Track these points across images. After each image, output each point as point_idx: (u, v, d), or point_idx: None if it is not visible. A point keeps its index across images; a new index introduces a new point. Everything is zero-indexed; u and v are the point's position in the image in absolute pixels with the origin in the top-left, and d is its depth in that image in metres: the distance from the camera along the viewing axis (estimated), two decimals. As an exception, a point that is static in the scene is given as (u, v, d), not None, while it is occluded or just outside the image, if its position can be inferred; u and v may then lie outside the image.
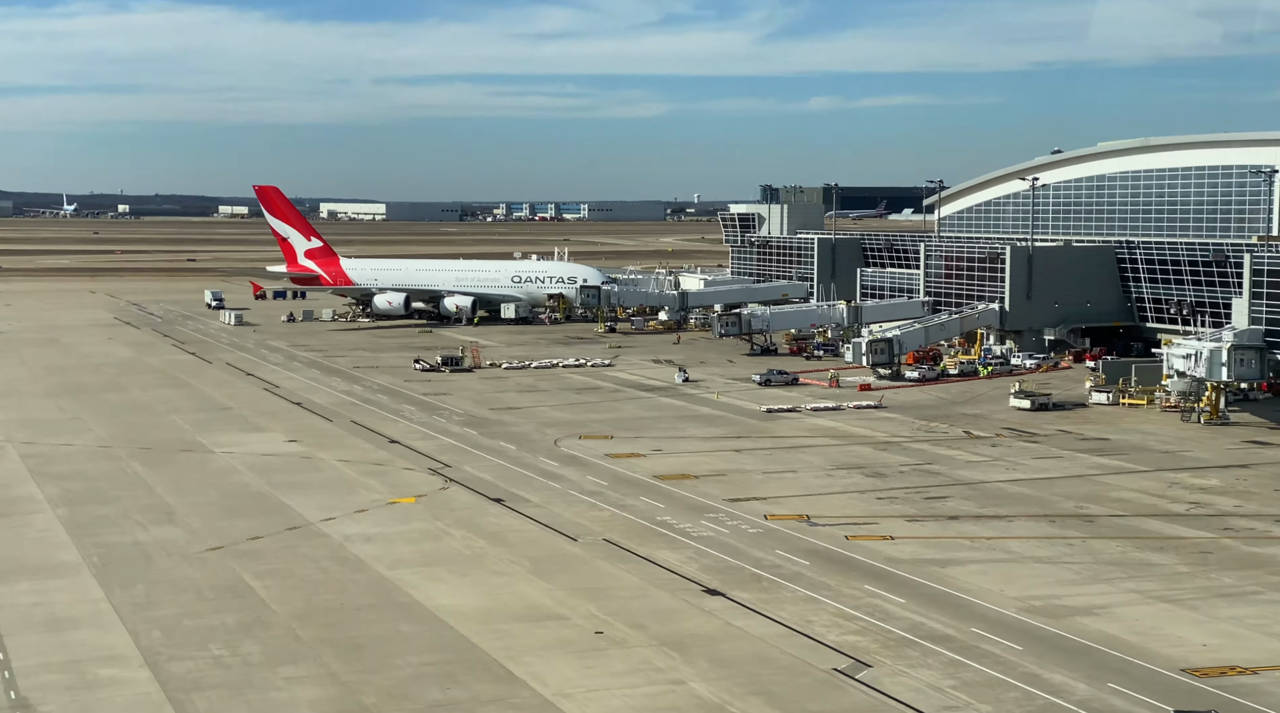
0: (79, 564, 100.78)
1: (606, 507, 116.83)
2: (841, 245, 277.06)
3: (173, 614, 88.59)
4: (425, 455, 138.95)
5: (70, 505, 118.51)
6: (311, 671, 77.73)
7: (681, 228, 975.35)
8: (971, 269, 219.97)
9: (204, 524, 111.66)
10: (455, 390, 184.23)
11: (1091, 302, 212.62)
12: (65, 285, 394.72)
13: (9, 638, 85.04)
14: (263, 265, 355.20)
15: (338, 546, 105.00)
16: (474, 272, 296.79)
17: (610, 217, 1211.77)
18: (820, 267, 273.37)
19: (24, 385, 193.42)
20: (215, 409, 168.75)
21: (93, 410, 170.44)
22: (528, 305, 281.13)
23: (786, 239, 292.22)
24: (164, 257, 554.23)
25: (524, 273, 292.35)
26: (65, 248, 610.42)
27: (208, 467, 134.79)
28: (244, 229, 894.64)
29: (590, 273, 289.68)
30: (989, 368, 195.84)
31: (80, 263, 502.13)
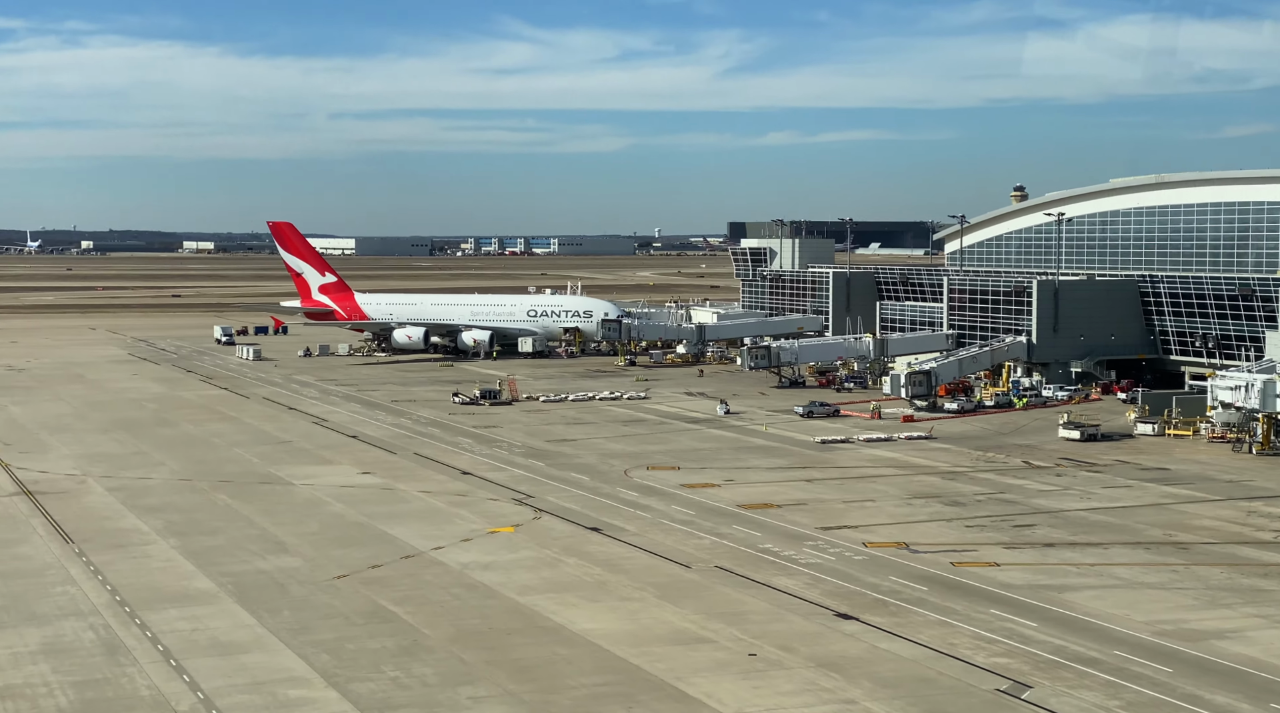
0: (216, 592, 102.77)
1: (704, 535, 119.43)
2: (856, 279, 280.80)
3: (332, 639, 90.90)
4: (502, 486, 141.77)
5: (179, 536, 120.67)
6: (491, 691, 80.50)
7: (652, 262, 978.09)
8: (996, 303, 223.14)
9: (318, 554, 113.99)
10: (503, 423, 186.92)
11: (1115, 335, 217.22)
12: (61, 322, 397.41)
13: (186, 661, 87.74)
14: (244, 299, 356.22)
15: (459, 573, 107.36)
16: (489, 306, 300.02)
17: (580, 251, 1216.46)
18: (835, 300, 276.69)
19: (73, 421, 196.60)
20: (274, 443, 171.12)
21: (153, 445, 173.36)
22: (543, 339, 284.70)
23: (800, 273, 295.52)
24: (146, 293, 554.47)
25: (539, 307, 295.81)
26: (44, 285, 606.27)
27: (294, 498, 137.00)
28: (215, 265, 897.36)
29: (605, 306, 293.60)
30: (1024, 400, 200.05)
31: (65, 300, 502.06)
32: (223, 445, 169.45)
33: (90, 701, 79.92)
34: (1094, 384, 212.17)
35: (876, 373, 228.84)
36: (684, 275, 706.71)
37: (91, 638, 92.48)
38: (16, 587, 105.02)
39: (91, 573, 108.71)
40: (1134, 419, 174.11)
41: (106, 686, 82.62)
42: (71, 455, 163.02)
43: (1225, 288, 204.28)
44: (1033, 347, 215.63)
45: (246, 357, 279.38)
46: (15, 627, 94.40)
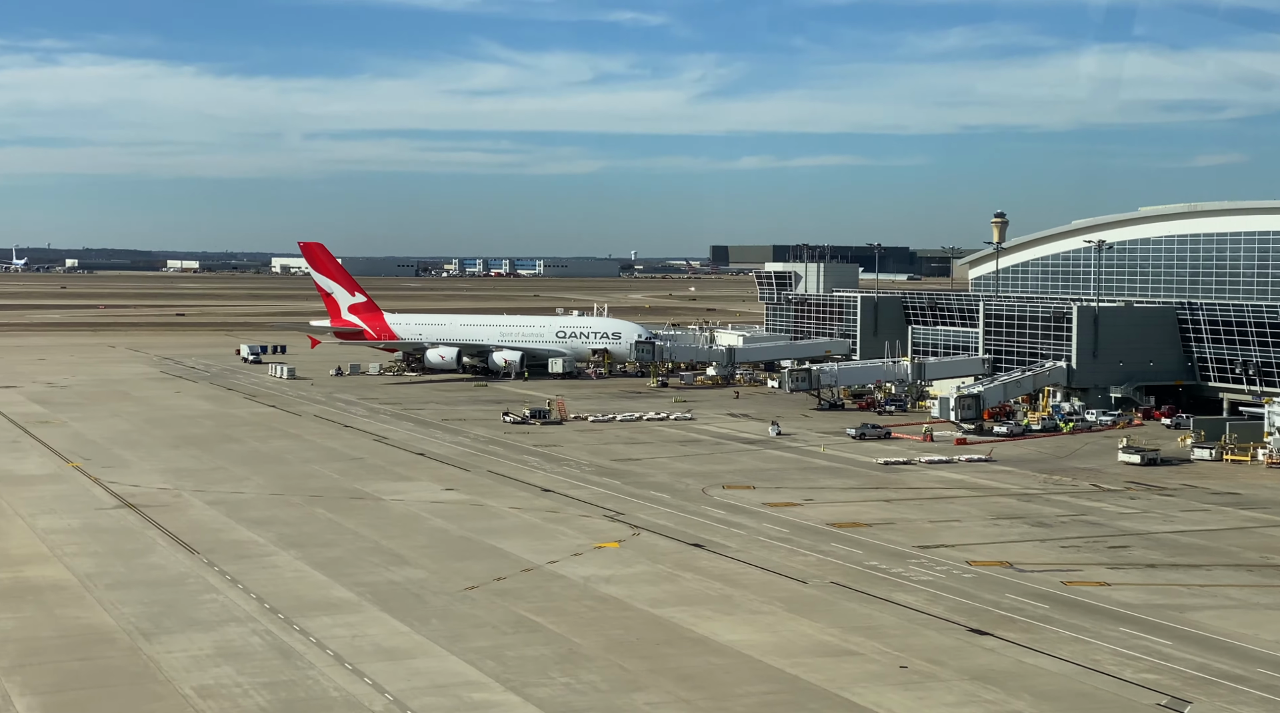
0: (358, 601, 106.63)
1: (806, 552, 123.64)
2: (884, 304, 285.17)
3: (489, 646, 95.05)
4: (588, 503, 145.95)
5: (297, 549, 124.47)
6: (664, 698, 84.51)
7: (638, 284, 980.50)
8: (1034, 328, 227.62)
9: (439, 566, 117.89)
10: (561, 442, 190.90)
11: (1153, 361, 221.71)
12: (77, 340, 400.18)
13: (360, 665, 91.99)
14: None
15: (584, 586, 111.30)
16: (518, 327, 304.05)
17: (565, 273, 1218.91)
18: (864, 324, 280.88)
19: (139, 437, 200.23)
20: (346, 460, 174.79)
21: (228, 461, 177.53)
22: (572, 360, 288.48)
23: (825, 297, 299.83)
24: (148, 311, 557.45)
25: (568, 328, 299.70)
26: (43, 303, 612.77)
27: (391, 513, 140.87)
28: (207, 284, 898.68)
29: (635, 328, 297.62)
30: (1070, 424, 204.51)
31: (70, 318, 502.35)
32: (297, 462, 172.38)
33: (286, 700, 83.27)
34: (1134, 410, 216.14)
35: (914, 396, 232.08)
36: (675, 297, 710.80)
37: (259, 643, 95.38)
38: (165, 594, 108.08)
39: (230, 582, 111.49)
40: (1190, 444, 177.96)
41: (295, 687, 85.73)
42: (153, 470, 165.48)
43: (1266, 315, 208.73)
44: (1072, 372, 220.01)
45: (280, 375, 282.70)
46: (182, 632, 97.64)
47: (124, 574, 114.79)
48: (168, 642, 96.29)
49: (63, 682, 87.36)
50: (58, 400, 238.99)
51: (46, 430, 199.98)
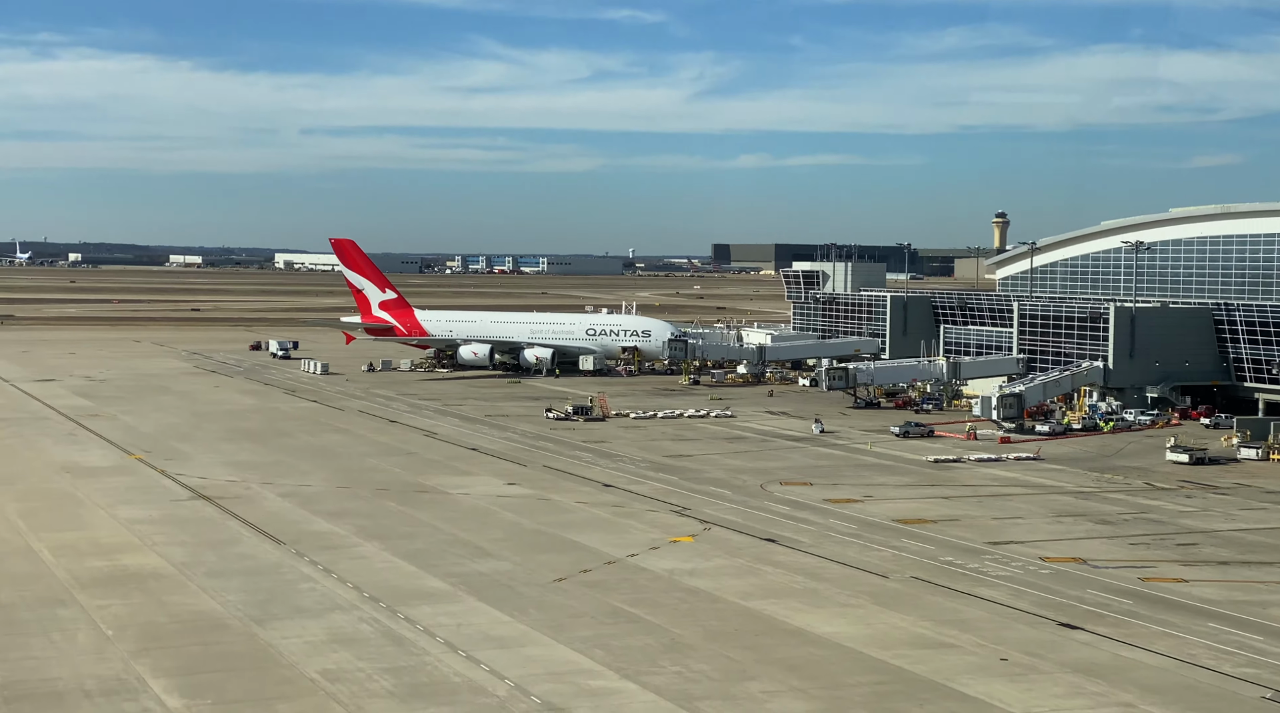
0: (453, 592, 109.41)
1: (878, 547, 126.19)
2: (913, 303, 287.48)
3: (592, 635, 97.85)
4: (652, 498, 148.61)
5: (380, 540, 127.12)
6: (777, 686, 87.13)
7: (642, 282, 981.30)
8: (1070, 328, 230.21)
9: (522, 558, 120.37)
10: (609, 438, 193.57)
11: (1189, 361, 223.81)
12: (101, 335, 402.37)
13: (474, 652, 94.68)
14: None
15: (670, 579, 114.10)
16: (549, 324, 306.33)
17: (569, 270, 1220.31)
18: (893, 324, 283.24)
19: (190, 431, 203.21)
20: (401, 454, 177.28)
21: (286, 454, 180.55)
22: (602, 357, 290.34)
23: (854, 296, 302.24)
24: (163, 306, 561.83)
25: (598, 326, 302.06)
26: (57, 297, 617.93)
27: (461, 506, 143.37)
28: (215, 279, 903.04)
29: (663, 326, 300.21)
30: (1110, 424, 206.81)
31: (87, 312, 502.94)
32: (354, 456, 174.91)
33: (411, 684, 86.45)
34: (1171, 410, 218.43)
35: (950, 395, 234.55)
36: (682, 296, 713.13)
37: (369, 630, 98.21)
38: (264, 583, 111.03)
39: (323, 572, 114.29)
40: (1236, 444, 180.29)
41: (416, 672, 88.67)
42: (215, 463, 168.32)
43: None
44: (1109, 372, 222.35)
45: (313, 371, 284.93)
46: (291, 619, 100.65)
47: (218, 564, 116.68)
48: (280, 628, 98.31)
49: (189, 665, 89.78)
50: (101, 394, 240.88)
51: (99, 423, 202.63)
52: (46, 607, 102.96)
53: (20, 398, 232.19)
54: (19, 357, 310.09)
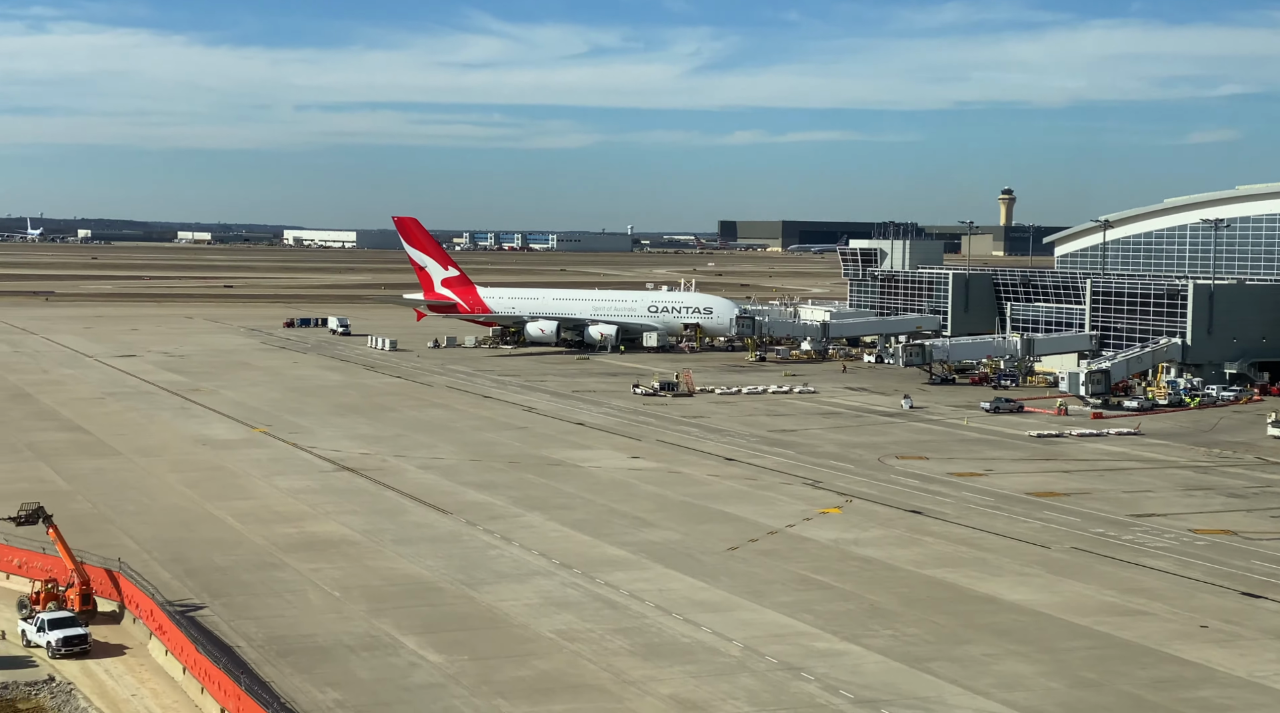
0: (638, 559, 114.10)
1: (1025, 519, 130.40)
2: (975, 280, 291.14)
3: (793, 601, 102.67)
4: (779, 471, 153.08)
5: (539, 510, 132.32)
6: (996, 649, 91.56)
7: (656, 260, 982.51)
8: (1145, 305, 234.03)
9: (686, 528, 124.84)
10: (705, 414, 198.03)
11: (1266, 337, 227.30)
12: (150, 311, 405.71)
13: (690, 615, 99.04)
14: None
15: (837, 548, 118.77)
16: (611, 301, 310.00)
17: (579, 247, 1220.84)
18: (955, 301, 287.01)
19: (297, 405, 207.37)
20: (512, 429, 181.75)
21: (402, 428, 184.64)
22: (664, 334, 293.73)
23: (914, 274, 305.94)
24: (194, 283, 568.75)
25: (660, 303, 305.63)
26: (87, 274, 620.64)
27: (598, 479, 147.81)
28: (234, 256, 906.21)
29: (725, 304, 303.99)
30: (1195, 400, 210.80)
31: (123, 289, 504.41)
32: (467, 430, 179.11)
33: (646, 644, 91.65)
34: (1250, 385, 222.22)
35: (1024, 371, 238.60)
36: (700, 273, 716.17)
37: (576, 594, 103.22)
38: (452, 550, 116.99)
39: (502, 540, 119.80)
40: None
41: (645, 633, 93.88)
42: (339, 437, 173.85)
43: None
44: (1187, 348, 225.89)
45: (382, 347, 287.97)
46: (498, 583, 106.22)
47: (399, 531, 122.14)
48: (493, 591, 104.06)
49: (428, 624, 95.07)
50: (189, 370, 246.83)
51: (204, 398, 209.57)
52: (263, 570, 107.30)
53: (115, 374, 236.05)
54: (86, 333, 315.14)
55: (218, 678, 76.41)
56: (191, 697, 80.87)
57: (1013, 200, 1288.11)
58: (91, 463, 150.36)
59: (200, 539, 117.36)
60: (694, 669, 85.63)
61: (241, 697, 73.02)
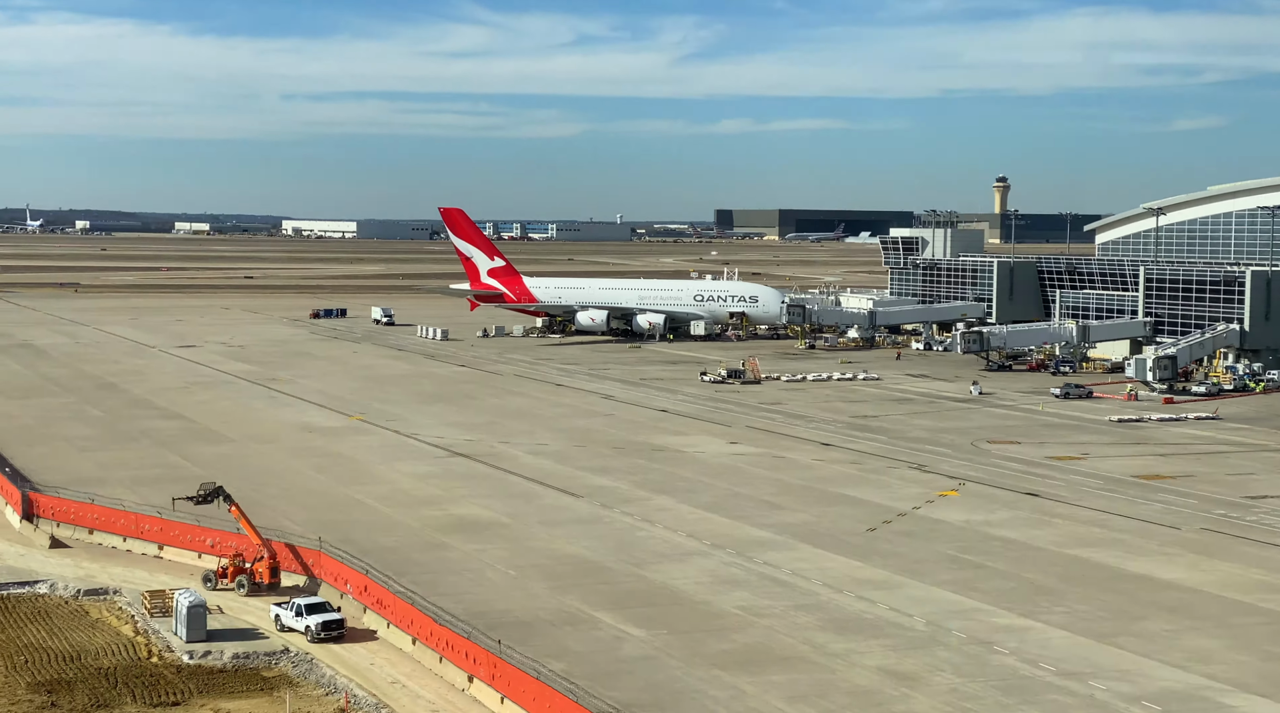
0: (783, 540, 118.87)
1: (1142, 501, 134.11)
2: (1019, 268, 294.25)
3: (953, 579, 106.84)
4: (880, 456, 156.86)
5: (666, 494, 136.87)
6: (1173, 625, 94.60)
7: (658, 249, 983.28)
8: (1200, 292, 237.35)
9: (817, 510, 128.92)
10: (781, 401, 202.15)
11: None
12: (185, 302, 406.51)
13: (865, 594, 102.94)
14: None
15: (972, 529, 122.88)
16: (657, 290, 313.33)
17: (578, 236, 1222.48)
18: (999, 288, 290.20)
19: (379, 393, 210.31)
20: (599, 416, 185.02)
21: (494, 416, 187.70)
22: (710, 322, 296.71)
23: (957, 261, 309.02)
24: (213, 274, 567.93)
25: (706, 292, 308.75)
26: (102, 266, 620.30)
27: (707, 463, 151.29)
28: (241, 246, 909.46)
29: (770, 292, 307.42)
30: (1260, 384, 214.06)
31: (147, 281, 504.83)
32: (554, 417, 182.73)
33: (833, 619, 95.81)
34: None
35: (1079, 358, 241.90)
36: (706, 262, 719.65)
37: (740, 573, 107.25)
38: (600, 530, 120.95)
39: (644, 521, 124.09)
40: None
41: (826, 609, 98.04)
42: (434, 424, 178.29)
43: None
44: (1245, 334, 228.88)
45: (433, 336, 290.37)
46: (661, 563, 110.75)
47: (539, 514, 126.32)
48: (660, 570, 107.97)
49: (615, 601, 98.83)
50: (255, 360, 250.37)
51: (285, 387, 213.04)
52: (432, 550, 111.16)
53: (185, 364, 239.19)
54: (135, 324, 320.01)
55: (464, 648, 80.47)
56: (428, 666, 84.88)
57: (1007, 188, 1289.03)
58: (211, 449, 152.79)
59: (355, 521, 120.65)
60: (888, 643, 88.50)
61: (498, 663, 76.31)
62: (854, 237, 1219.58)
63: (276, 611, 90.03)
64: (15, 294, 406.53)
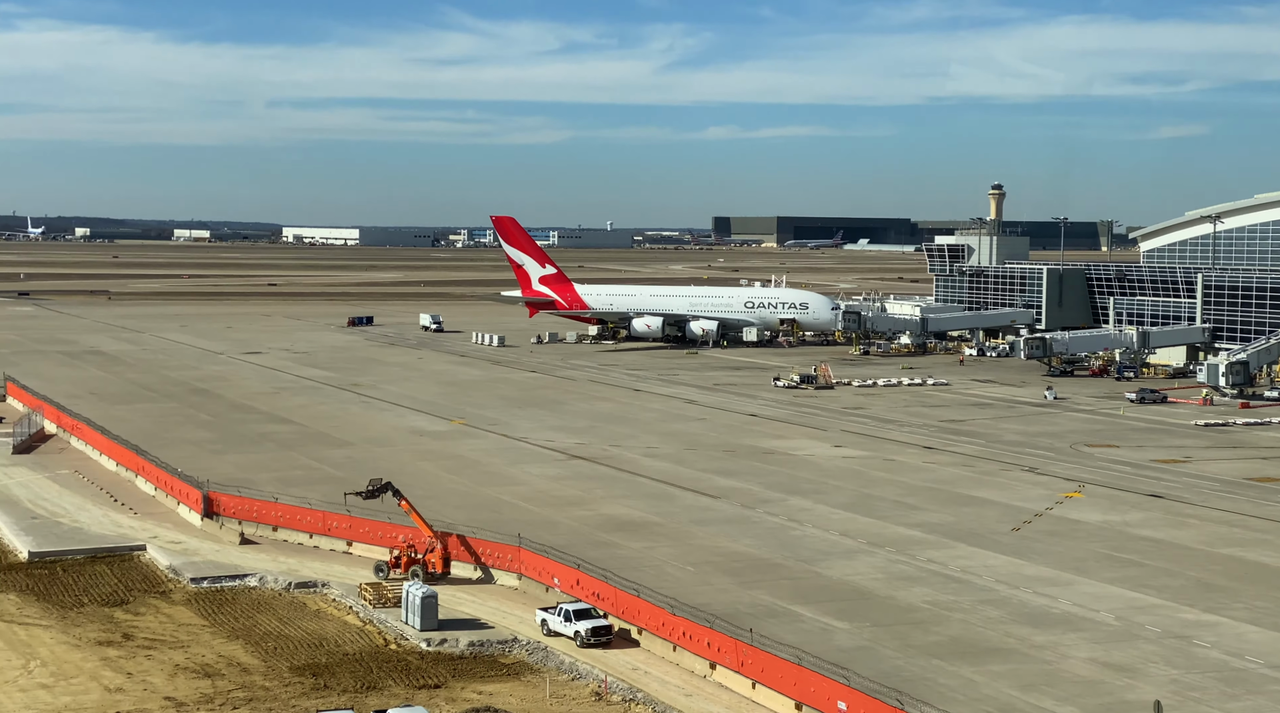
0: (931, 538, 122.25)
1: (1267, 503, 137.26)
2: (1068, 275, 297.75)
3: (1121, 576, 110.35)
4: (988, 459, 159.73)
5: (798, 495, 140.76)
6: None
7: (665, 256, 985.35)
8: (1260, 298, 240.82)
9: (950, 511, 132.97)
10: (861, 406, 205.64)
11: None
12: (225, 309, 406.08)
13: (1037, 590, 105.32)
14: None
15: (1113, 529, 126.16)
16: (707, 297, 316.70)
17: (580, 243, 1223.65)
18: (1049, 295, 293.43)
19: (464, 398, 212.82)
20: (690, 420, 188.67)
21: (590, 420, 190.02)
22: (761, 329, 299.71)
23: (1005, 269, 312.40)
24: (235, 282, 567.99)
25: (756, 299, 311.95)
26: (129, 273, 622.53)
27: (824, 466, 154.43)
28: (254, 254, 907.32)
29: (820, 299, 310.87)
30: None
31: (172, 288, 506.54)
32: (652, 421, 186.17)
33: (1020, 614, 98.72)
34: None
35: (1139, 363, 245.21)
36: (714, 268, 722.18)
37: (911, 569, 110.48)
38: (756, 530, 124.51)
39: (791, 521, 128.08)
40: None
41: (1009, 604, 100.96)
42: (538, 429, 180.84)
43: None
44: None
45: (490, 343, 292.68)
46: (826, 560, 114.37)
47: (686, 514, 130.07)
48: (830, 566, 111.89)
49: (804, 594, 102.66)
50: (326, 365, 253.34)
51: (373, 392, 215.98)
52: (601, 548, 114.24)
53: (261, 370, 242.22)
54: (188, 331, 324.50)
55: (704, 636, 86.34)
56: (659, 654, 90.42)
57: (1002, 195, 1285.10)
58: (336, 452, 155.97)
59: (510, 520, 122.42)
60: (1087, 637, 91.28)
61: (747, 650, 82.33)
62: (852, 243, 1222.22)
63: (543, 616, 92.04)
64: (51, 301, 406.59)
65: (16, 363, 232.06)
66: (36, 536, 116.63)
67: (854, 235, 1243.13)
